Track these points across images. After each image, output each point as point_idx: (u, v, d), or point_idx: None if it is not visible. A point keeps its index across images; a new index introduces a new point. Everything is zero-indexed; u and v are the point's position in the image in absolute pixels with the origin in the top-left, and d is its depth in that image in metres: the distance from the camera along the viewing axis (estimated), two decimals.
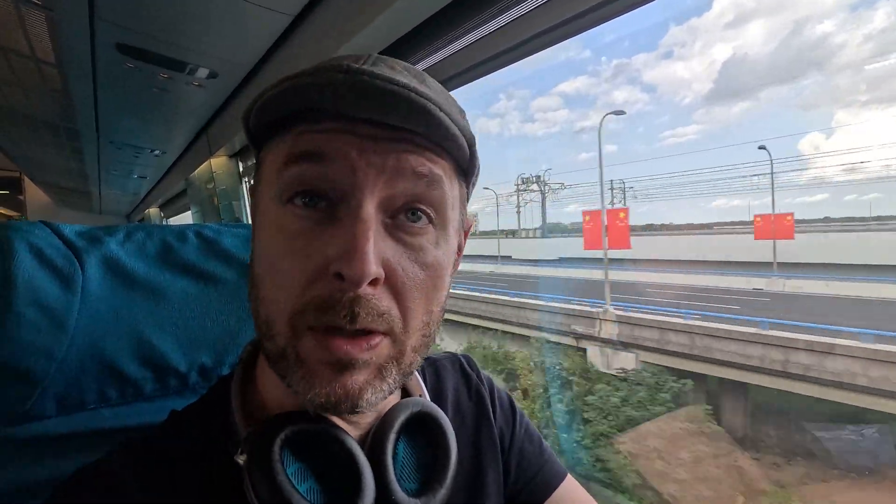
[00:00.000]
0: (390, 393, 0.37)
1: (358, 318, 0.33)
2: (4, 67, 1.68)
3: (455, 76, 1.04)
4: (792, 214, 12.53)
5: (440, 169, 0.37)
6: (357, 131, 0.34)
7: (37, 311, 0.46)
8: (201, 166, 2.50)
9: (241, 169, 2.34)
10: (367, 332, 0.34)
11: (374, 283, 0.33)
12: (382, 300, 0.34)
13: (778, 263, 13.35)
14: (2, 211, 6.75)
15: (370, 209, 0.34)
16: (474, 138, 0.39)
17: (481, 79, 1.05)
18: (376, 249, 0.33)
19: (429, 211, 0.37)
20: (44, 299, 0.47)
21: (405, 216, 0.36)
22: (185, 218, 5.23)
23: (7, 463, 0.47)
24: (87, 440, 0.51)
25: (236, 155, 2.29)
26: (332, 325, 0.33)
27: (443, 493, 0.41)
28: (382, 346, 0.35)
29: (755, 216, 13.25)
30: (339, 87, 0.32)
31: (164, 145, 2.50)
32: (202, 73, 1.42)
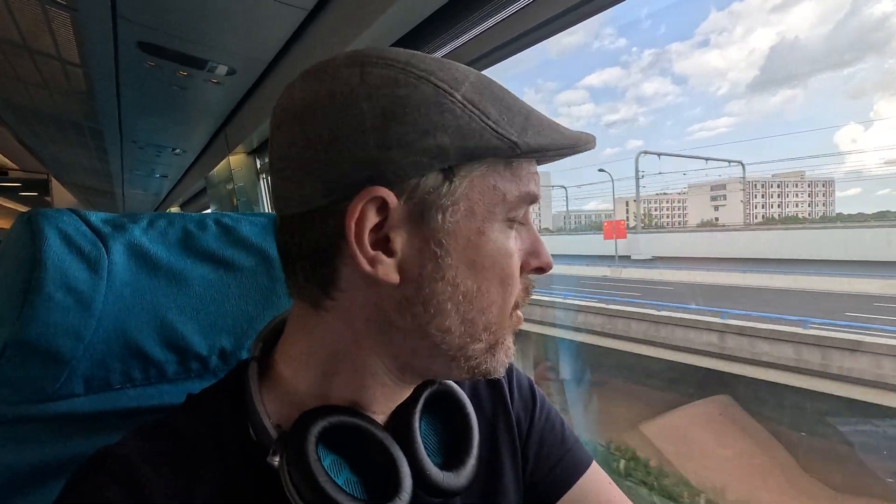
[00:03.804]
0: None
1: None
2: (32, 69, 1.74)
3: (475, 60, 1.03)
4: None
5: None
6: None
7: (66, 293, 0.48)
8: (220, 164, 2.55)
9: (258, 166, 2.38)
10: None
11: None
12: None
13: None
14: None
15: None
16: None
17: (504, 73, 1.05)
18: None
19: None
20: (72, 282, 0.48)
21: None
22: None
23: (37, 439, 0.49)
24: (112, 419, 0.52)
25: (254, 152, 2.32)
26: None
27: (472, 463, 0.43)
28: None
29: None
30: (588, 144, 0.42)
31: (184, 143, 2.56)
32: (220, 70, 1.45)
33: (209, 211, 3.89)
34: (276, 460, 0.36)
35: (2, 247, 0.51)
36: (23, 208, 6.98)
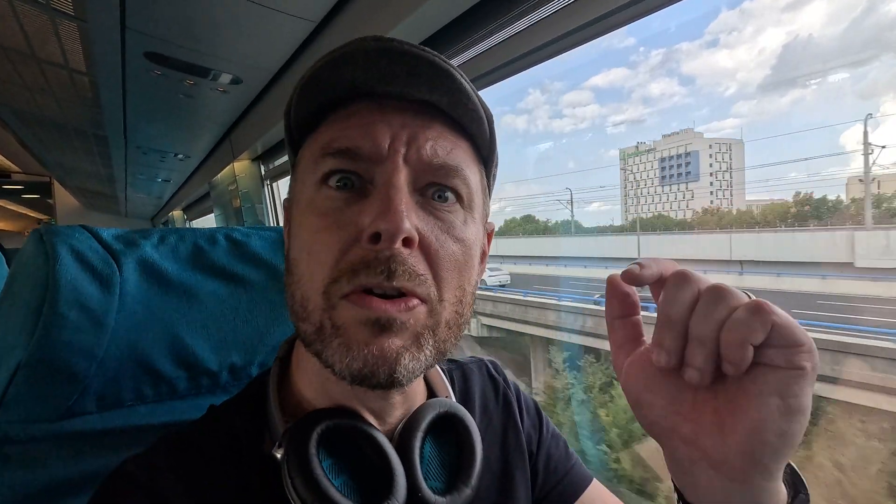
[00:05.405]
0: (428, 367, 0.37)
1: (395, 276, 0.33)
2: (39, 77, 1.75)
3: (481, 76, 1.03)
4: None
5: (462, 151, 0.40)
6: (387, 118, 0.37)
7: (79, 312, 0.48)
8: (224, 170, 2.56)
9: (262, 172, 2.39)
10: (404, 295, 0.35)
11: (409, 244, 0.34)
12: (418, 264, 0.35)
13: None
14: (32, 214, 6.98)
15: (402, 180, 0.35)
16: (492, 115, 0.41)
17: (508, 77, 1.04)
18: (409, 215, 0.34)
19: (456, 190, 0.39)
20: (85, 301, 0.48)
21: (433, 196, 0.38)
22: (209, 220, 5.34)
23: (50, 458, 0.49)
24: (124, 436, 0.52)
25: (258, 158, 2.33)
26: (367, 286, 0.34)
27: (468, 493, 0.42)
28: (419, 311, 0.36)
29: None
30: (370, 52, 0.35)
31: (188, 149, 2.57)
32: (226, 78, 1.45)
33: (212, 215, 3.90)
34: (279, 453, 0.37)
35: (14, 266, 0.51)
36: (26, 211, 7.00)
